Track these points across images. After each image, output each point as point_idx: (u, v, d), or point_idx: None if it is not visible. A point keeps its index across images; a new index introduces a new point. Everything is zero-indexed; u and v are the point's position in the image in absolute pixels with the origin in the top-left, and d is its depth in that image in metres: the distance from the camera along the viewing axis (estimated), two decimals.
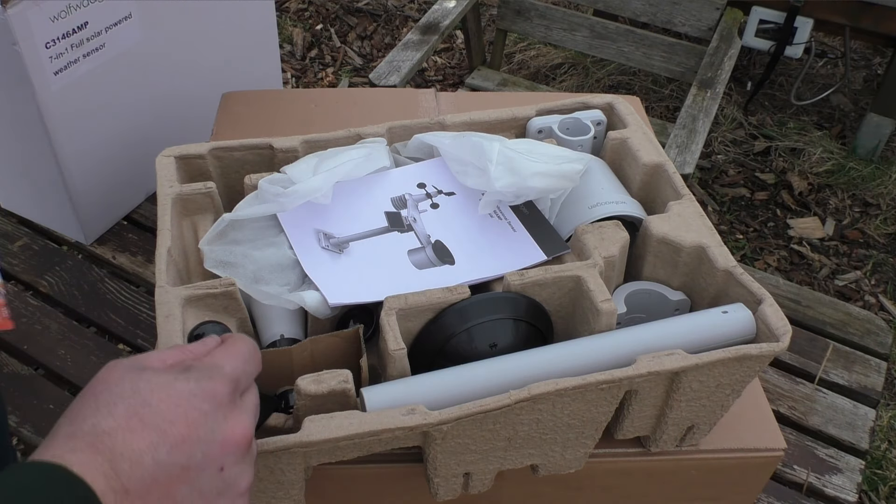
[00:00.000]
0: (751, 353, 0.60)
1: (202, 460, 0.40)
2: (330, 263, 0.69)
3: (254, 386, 0.47)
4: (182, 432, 0.39)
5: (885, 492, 1.55)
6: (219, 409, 0.41)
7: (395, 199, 0.75)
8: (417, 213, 0.74)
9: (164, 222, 0.70)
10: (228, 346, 0.46)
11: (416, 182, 0.76)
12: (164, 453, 0.39)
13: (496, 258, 0.70)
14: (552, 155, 0.75)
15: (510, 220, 0.73)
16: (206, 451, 0.40)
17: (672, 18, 2.00)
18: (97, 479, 0.37)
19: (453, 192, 0.76)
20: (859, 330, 1.09)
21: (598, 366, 0.60)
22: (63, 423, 0.39)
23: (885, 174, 2.32)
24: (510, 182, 0.70)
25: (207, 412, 0.41)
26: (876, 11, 2.10)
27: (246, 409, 0.43)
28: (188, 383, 0.41)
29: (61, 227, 1.17)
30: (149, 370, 0.41)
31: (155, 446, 0.39)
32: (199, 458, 0.40)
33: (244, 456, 0.43)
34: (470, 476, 0.64)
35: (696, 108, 1.67)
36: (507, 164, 0.71)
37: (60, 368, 0.99)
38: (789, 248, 2.15)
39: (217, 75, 1.25)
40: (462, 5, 2.00)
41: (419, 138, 0.78)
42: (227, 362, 0.44)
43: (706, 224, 0.72)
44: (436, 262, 0.70)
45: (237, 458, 0.42)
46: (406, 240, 0.72)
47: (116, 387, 0.40)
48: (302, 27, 2.83)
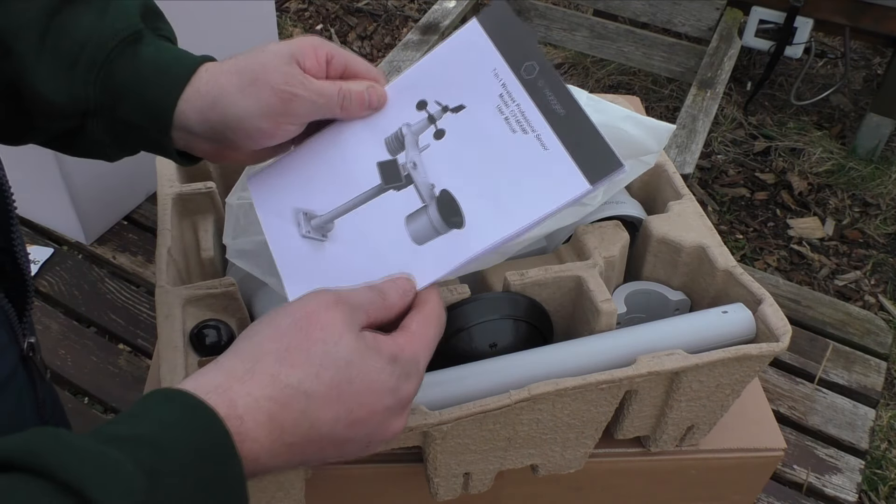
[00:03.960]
0: (751, 353, 0.60)
1: (362, 439, 0.44)
2: (310, 261, 0.55)
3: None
4: (363, 416, 0.43)
5: (885, 492, 1.55)
6: (398, 408, 0.45)
7: (388, 139, 0.57)
8: (418, 153, 0.56)
9: (164, 222, 0.70)
10: (427, 329, 0.47)
11: (415, 101, 0.58)
12: (341, 428, 0.42)
13: (521, 199, 0.52)
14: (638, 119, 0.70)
15: (540, 131, 0.53)
16: (371, 434, 0.44)
17: (672, 18, 2.00)
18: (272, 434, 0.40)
19: (462, 104, 0.56)
20: (859, 330, 1.09)
21: (598, 366, 0.60)
22: (270, 356, 0.41)
23: (885, 174, 2.32)
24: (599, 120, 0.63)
25: (390, 408, 0.44)
26: (876, 11, 2.10)
27: (408, 408, 0.46)
28: (392, 379, 0.44)
29: (61, 227, 1.17)
30: (366, 346, 0.43)
31: (337, 419, 0.42)
32: (360, 437, 0.44)
33: (388, 442, 0.46)
34: (470, 476, 0.64)
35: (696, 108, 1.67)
36: (595, 105, 0.67)
37: (60, 368, 0.99)
38: (789, 248, 2.15)
39: None
40: (462, 5, 2.01)
41: None
42: (423, 356, 0.46)
43: (706, 224, 0.72)
44: (441, 229, 0.53)
45: (382, 444, 0.46)
46: (405, 199, 0.55)
47: (333, 348, 0.42)
48: (302, 27, 2.83)
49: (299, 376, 0.41)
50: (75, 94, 0.51)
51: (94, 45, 0.51)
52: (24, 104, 0.52)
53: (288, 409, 0.40)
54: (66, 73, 0.51)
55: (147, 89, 0.52)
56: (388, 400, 0.43)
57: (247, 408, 0.40)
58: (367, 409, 0.43)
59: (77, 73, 0.51)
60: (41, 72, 0.50)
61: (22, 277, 0.51)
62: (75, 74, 0.51)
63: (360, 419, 0.43)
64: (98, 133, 0.53)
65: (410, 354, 0.45)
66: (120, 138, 0.54)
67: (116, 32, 0.52)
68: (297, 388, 0.41)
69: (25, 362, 0.51)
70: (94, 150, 0.56)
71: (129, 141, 0.55)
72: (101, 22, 0.52)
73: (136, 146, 0.56)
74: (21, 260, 0.51)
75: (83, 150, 0.56)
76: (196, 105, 0.52)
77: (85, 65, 0.51)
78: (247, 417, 0.39)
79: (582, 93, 0.68)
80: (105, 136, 0.54)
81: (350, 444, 0.44)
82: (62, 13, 0.51)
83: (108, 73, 0.52)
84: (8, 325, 0.48)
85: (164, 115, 0.52)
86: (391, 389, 0.43)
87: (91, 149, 0.56)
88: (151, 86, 0.52)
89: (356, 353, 0.42)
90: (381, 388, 0.43)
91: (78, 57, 0.51)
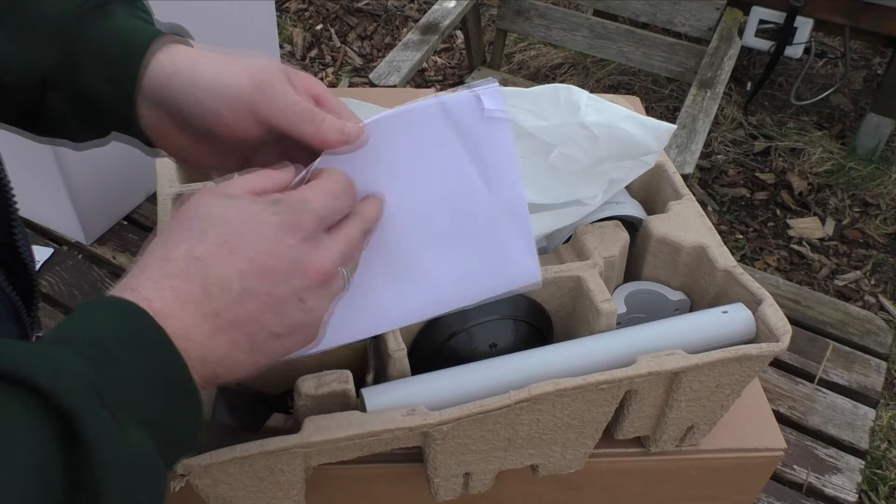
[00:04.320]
0: (751, 353, 0.60)
1: (285, 290, 0.42)
2: None
3: (352, 220, 0.47)
4: (267, 262, 0.41)
5: (885, 492, 1.55)
6: (303, 243, 0.43)
7: None
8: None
9: (164, 222, 0.70)
10: (319, 183, 0.46)
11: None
12: (250, 280, 0.41)
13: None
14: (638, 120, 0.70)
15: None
16: (289, 281, 0.42)
17: (672, 18, 2.00)
18: (186, 307, 0.40)
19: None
20: (859, 330, 1.09)
21: (598, 366, 0.60)
22: (157, 246, 0.42)
23: (885, 174, 2.32)
24: (600, 120, 0.64)
25: (292, 246, 0.42)
26: (876, 11, 2.10)
27: (329, 245, 0.44)
28: (276, 217, 0.42)
29: (61, 227, 1.17)
30: (237, 198, 0.43)
31: (242, 274, 0.41)
32: (281, 288, 0.42)
33: (323, 288, 0.44)
34: (470, 476, 0.64)
35: (696, 108, 1.67)
36: (595, 105, 0.67)
37: None
38: (789, 248, 2.15)
39: None
40: (462, 5, 2.01)
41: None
42: (315, 198, 0.44)
43: (706, 224, 0.72)
44: None
45: (317, 290, 0.44)
46: None
47: (206, 213, 0.42)
48: (302, 27, 2.83)
49: (185, 247, 0.41)
50: (32, 62, 0.48)
51: (56, 10, 0.49)
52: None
53: (189, 278, 0.40)
54: (25, 39, 0.48)
55: (111, 54, 0.48)
56: (286, 238, 0.42)
57: (150, 289, 0.40)
58: (269, 254, 0.41)
59: (36, 39, 0.48)
60: (2, 39, 0.48)
61: (27, 272, 0.51)
62: (34, 40, 0.48)
63: (270, 266, 0.41)
64: (58, 106, 0.50)
65: (295, 196, 0.44)
66: (82, 112, 0.51)
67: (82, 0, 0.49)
68: (188, 257, 0.40)
69: None
70: (58, 127, 0.53)
71: (91, 115, 0.51)
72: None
73: (100, 123, 0.52)
74: (24, 254, 0.50)
75: (46, 127, 0.53)
76: (160, 74, 0.48)
77: (45, 31, 0.48)
78: (153, 297, 0.39)
79: (583, 93, 0.68)
80: (66, 109, 0.51)
81: (280, 303, 0.42)
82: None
83: (67, 40, 0.49)
84: (17, 319, 0.48)
85: (128, 82, 0.48)
86: (283, 226, 0.42)
87: (54, 126, 0.53)
88: (116, 50, 0.48)
89: (229, 207, 0.42)
90: (269, 228, 0.42)
91: (37, 23, 0.49)
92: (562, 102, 0.68)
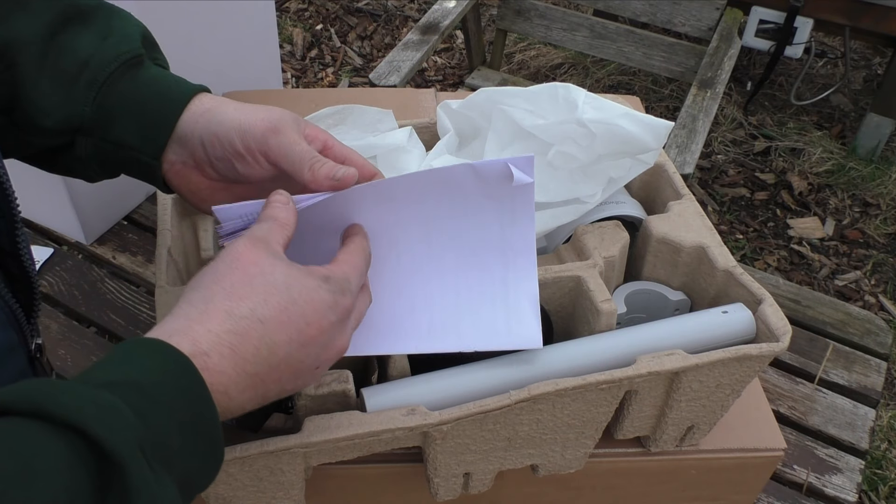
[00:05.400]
0: (751, 353, 0.60)
1: (312, 361, 0.46)
2: None
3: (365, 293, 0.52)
4: (311, 335, 0.45)
5: (885, 492, 1.55)
6: (341, 322, 0.47)
7: None
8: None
9: (164, 222, 0.70)
10: (354, 257, 0.50)
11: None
12: (294, 349, 0.45)
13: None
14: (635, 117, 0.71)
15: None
16: (318, 355, 0.46)
17: (672, 18, 2.00)
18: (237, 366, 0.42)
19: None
20: (859, 330, 1.09)
21: (598, 366, 0.60)
22: (218, 295, 0.44)
23: (885, 174, 2.32)
24: (597, 117, 0.65)
25: (334, 323, 0.46)
26: (876, 11, 2.10)
27: (350, 324, 0.49)
28: (329, 295, 0.46)
29: (61, 227, 1.17)
30: (295, 268, 0.46)
31: (290, 341, 0.44)
32: (311, 359, 0.46)
33: (334, 359, 0.49)
34: (470, 476, 0.64)
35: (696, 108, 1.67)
36: (593, 103, 0.68)
37: (60, 368, 0.99)
38: (789, 248, 2.15)
39: (217, 75, 1.25)
40: (462, 5, 2.01)
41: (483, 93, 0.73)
42: (354, 277, 0.49)
43: (706, 224, 0.72)
44: None
45: (331, 361, 0.48)
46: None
47: (271, 277, 0.45)
48: (302, 27, 2.83)
49: (250, 306, 0.43)
50: (71, 111, 0.53)
51: (95, 64, 0.53)
52: (17, 117, 0.52)
53: (247, 338, 0.43)
54: (65, 90, 0.52)
55: (146, 110, 0.53)
56: (330, 315, 0.46)
57: (210, 343, 0.42)
58: (315, 327, 0.45)
59: (76, 90, 0.52)
60: (42, 86, 0.52)
61: (28, 279, 0.51)
62: (74, 92, 0.52)
63: (311, 338, 0.45)
64: (86, 152, 0.55)
65: (341, 274, 0.48)
66: (106, 159, 0.55)
67: (119, 55, 0.53)
68: (252, 317, 0.43)
69: (32, 363, 0.51)
70: (77, 169, 0.57)
71: (114, 162, 0.56)
72: (103, 43, 0.53)
73: (121, 168, 0.57)
74: (27, 263, 0.51)
75: (65, 168, 0.57)
76: (189, 123, 0.53)
77: (85, 83, 0.53)
78: (212, 352, 0.41)
79: (581, 91, 0.68)
80: (92, 155, 0.55)
81: (303, 369, 0.46)
82: (66, 31, 0.53)
83: (106, 93, 0.53)
84: (17, 326, 0.49)
85: (160, 137, 0.54)
86: (331, 305, 0.46)
87: (74, 167, 0.57)
88: (151, 107, 0.53)
89: (291, 276, 0.45)
90: (321, 304, 0.45)
91: (78, 75, 0.53)
92: (560, 101, 0.68)
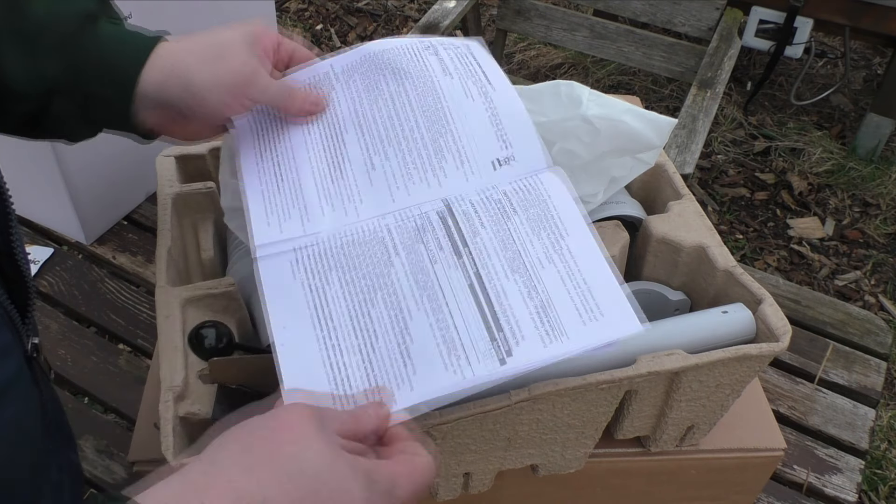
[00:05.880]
0: (751, 353, 0.60)
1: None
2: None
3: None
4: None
5: (885, 492, 1.55)
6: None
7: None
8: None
9: (164, 222, 0.70)
10: (413, 471, 0.45)
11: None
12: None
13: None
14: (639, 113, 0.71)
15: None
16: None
17: (672, 18, 2.00)
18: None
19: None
20: (859, 330, 1.09)
21: (598, 366, 0.60)
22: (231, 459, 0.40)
23: (885, 174, 2.32)
24: (602, 113, 0.66)
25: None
26: (876, 11, 2.10)
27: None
28: (363, 492, 0.41)
29: (61, 227, 1.17)
30: (342, 460, 0.41)
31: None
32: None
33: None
34: (470, 476, 0.64)
35: (696, 108, 1.67)
36: (596, 100, 0.68)
37: (60, 368, 0.99)
38: (789, 248, 2.15)
39: None
40: (462, 5, 2.00)
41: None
42: (404, 487, 0.44)
43: (706, 224, 0.72)
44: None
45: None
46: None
47: (302, 454, 0.40)
48: (302, 27, 2.83)
49: (261, 488, 0.39)
50: (40, 72, 0.54)
51: (54, 24, 0.54)
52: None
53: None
54: (29, 52, 0.54)
55: (111, 61, 0.56)
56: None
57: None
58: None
59: (40, 51, 0.54)
60: (8, 54, 0.53)
61: (22, 278, 0.51)
62: (39, 52, 0.54)
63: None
64: (64, 110, 0.56)
65: (388, 475, 0.43)
66: (85, 114, 0.57)
67: (76, 13, 0.55)
68: (254, 499, 0.38)
69: (29, 363, 0.51)
70: (58, 129, 0.58)
71: (92, 116, 0.58)
72: (56, 4, 0.55)
73: (100, 121, 0.59)
74: (21, 261, 0.51)
75: (47, 131, 0.58)
76: (157, 76, 0.56)
77: (48, 44, 0.54)
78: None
79: (584, 88, 0.68)
80: (71, 112, 0.57)
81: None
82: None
83: (70, 51, 0.55)
84: (11, 326, 0.49)
85: (127, 84, 0.56)
86: (363, 501, 0.41)
87: (55, 129, 0.58)
88: (115, 58, 0.56)
89: (326, 465, 0.41)
90: (349, 501, 0.40)
91: (38, 36, 0.54)
92: (563, 98, 0.68)
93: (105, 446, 0.90)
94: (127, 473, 0.87)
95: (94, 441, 0.91)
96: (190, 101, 0.56)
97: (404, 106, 0.62)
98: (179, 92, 0.56)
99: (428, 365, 0.50)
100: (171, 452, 0.53)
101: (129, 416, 0.93)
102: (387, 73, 0.64)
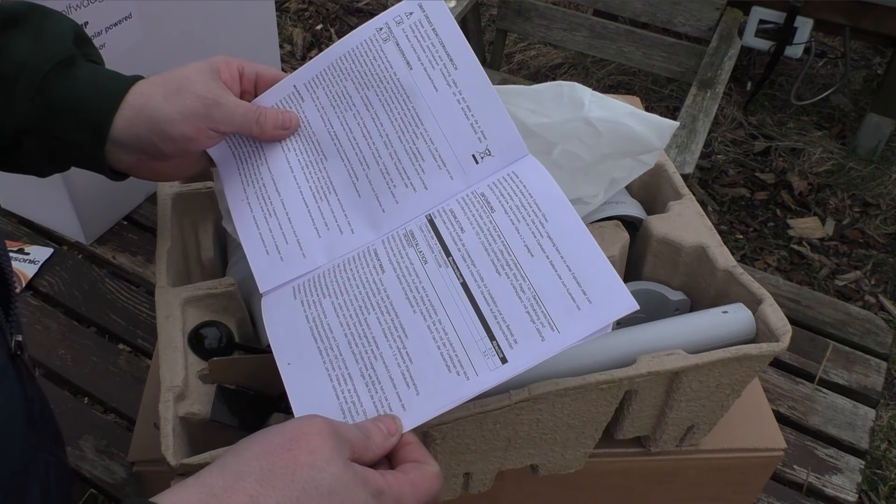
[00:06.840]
0: (751, 353, 0.60)
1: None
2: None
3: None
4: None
5: (885, 492, 1.55)
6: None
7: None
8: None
9: (164, 222, 0.70)
10: (420, 482, 0.47)
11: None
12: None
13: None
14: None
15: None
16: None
17: (672, 18, 2.00)
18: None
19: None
20: (859, 330, 1.09)
21: (598, 366, 0.60)
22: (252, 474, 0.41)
23: (885, 174, 2.32)
24: (604, 116, 0.66)
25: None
26: (876, 11, 2.10)
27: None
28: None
29: (61, 227, 1.17)
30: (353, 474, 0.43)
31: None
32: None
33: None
34: (470, 476, 0.64)
35: (696, 108, 1.67)
36: (598, 102, 0.68)
37: (60, 368, 0.99)
38: (789, 248, 2.15)
39: None
40: (462, 5, 2.00)
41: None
42: (412, 498, 0.46)
43: (706, 224, 0.72)
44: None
45: None
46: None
47: (320, 473, 0.42)
48: (302, 27, 2.83)
49: (278, 499, 0.41)
50: (13, 113, 0.55)
51: (31, 67, 0.55)
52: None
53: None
54: (4, 93, 0.54)
55: (84, 107, 0.56)
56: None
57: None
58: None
59: (16, 92, 0.54)
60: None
61: (3, 276, 0.51)
62: (14, 94, 0.54)
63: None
64: (33, 150, 0.57)
65: (396, 486, 0.45)
66: (54, 155, 0.58)
67: (53, 56, 0.55)
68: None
69: (14, 360, 0.51)
70: (27, 166, 0.59)
71: (62, 157, 0.59)
72: (36, 45, 0.55)
73: (69, 162, 0.59)
74: (2, 259, 0.51)
75: (16, 166, 0.59)
76: (126, 116, 0.56)
77: (23, 85, 0.55)
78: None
79: (586, 90, 0.68)
80: (40, 153, 0.57)
81: None
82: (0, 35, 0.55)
83: (44, 94, 0.55)
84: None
85: (100, 130, 0.56)
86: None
87: (24, 165, 0.59)
88: (89, 103, 0.56)
89: (341, 481, 0.42)
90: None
91: (15, 78, 0.55)
92: (565, 99, 0.68)
93: (105, 446, 0.90)
94: (127, 473, 0.87)
95: (93, 441, 0.90)
96: (156, 138, 0.56)
97: (374, 117, 0.62)
98: (146, 131, 0.56)
99: (430, 382, 0.51)
100: (170, 452, 0.53)
101: (128, 416, 0.93)
102: (348, 84, 0.63)
